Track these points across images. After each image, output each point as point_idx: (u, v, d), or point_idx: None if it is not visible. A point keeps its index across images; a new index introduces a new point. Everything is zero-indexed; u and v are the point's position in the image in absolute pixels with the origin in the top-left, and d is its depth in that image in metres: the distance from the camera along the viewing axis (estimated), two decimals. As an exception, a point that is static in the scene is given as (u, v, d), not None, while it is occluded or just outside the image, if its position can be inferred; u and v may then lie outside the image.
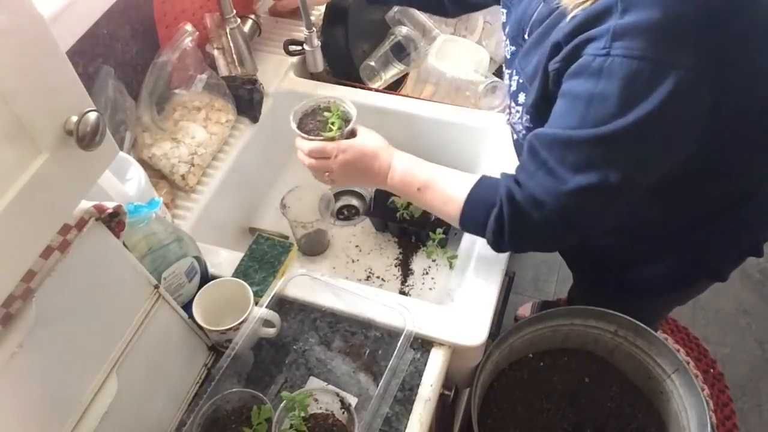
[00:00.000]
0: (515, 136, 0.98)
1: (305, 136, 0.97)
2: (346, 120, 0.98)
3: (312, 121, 1.00)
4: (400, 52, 1.33)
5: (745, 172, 0.89)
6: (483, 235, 0.86)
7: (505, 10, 0.97)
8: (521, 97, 0.87)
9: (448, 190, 0.89)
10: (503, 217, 0.81)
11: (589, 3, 0.72)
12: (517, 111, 0.90)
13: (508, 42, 0.94)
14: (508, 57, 0.94)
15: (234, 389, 0.80)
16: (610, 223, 0.85)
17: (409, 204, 1.20)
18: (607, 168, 0.73)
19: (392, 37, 1.32)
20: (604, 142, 0.71)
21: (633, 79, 0.68)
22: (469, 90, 1.30)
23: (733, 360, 1.85)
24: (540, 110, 0.81)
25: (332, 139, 0.95)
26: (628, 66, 0.67)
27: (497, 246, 0.86)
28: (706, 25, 0.68)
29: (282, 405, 0.78)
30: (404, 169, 0.93)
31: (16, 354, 0.57)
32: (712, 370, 1.84)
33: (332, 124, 0.97)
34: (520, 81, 0.87)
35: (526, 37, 0.87)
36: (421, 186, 0.92)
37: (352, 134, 0.98)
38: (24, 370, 0.59)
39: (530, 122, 0.85)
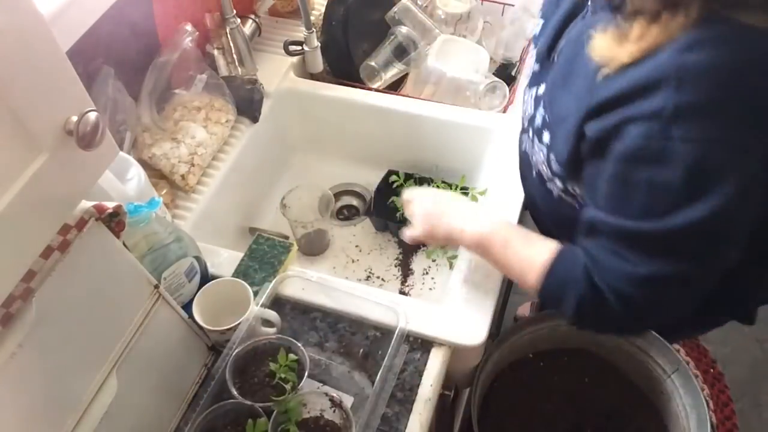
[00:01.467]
0: (525, 154, 0.90)
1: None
2: (300, 368, 0.83)
3: (255, 373, 0.84)
4: (401, 52, 1.33)
5: None
6: (564, 312, 0.76)
7: (542, 21, 0.88)
8: (545, 137, 0.78)
9: (525, 265, 0.78)
10: (584, 297, 0.72)
11: (618, 68, 0.63)
12: (541, 150, 0.80)
13: (532, 54, 0.86)
14: (531, 74, 0.86)
15: (230, 401, 0.80)
16: (690, 308, 0.73)
17: (409, 204, 1.20)
18: (682, 258, 0.65)
19: (392, 37, 1.32)
20: (674, 236, 0.63)
21: (700, 166, 0.59)
22: (469, 90, 1.30)
23: (733, 360, 1.85)
24: (575, 167, 0.74)
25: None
26: (693, 151, 0.59)
27: (578, 325, 0.79)
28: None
29: (274, 414, 0.78)
30: (481, 229, 0.83)
31: (16, 354, 0.57)
32: (712, 370, 1.84)
33: (282, 380, 0.82)
34: (547, 119, 0.77)
35: (555, 58, 0.79)
36: (502, 243, 0.81)
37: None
38: (24, 370, 0.59)
39: (563, 173, 0.77)
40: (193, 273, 0.90)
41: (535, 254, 0.77)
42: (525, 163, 0.93)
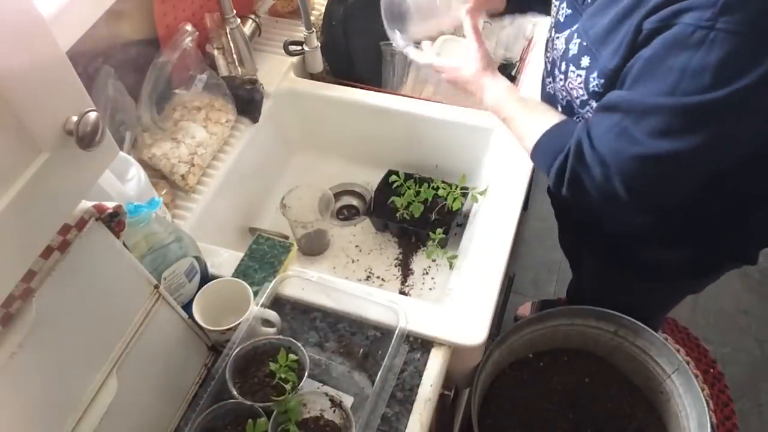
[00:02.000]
0: (566, 102, 0.96)
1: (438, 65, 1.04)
2: (300, 369, 0.83)
3: (255, 373, 0.84)
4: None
5: None
6: (547, 175, 0.88)
7: None
8: (584, 61, 0.85)
9: (526, 127, 0.91)
10: (566, 166, 0.82)
11: None
12: (579, 75, 0.87)
13: (563, 4, 0.93)
14: (562, 20, 0.93)
15: (230, 401, 0.80)
16: (666, 199, 0.86)
17: (409, 204, 1.20)
18: (683, 138, 0.72)
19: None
20: (688, 113, 0.71)
21: (734, 56, 0.66)
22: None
23: (733, 360, 1.85)
24: (621, 72, 0.80)
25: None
26: (732, 42, 0.66)
27: (556, 190, 0.87)
28: None
29: (274, 414, 0.78)
30: (493, 100, 0.98)
31: (16, 354, 0.57)
32: (712, 370, 1.84)
33: (282, 380, 0.82)
34: (584, 44, 0.84)
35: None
36: (506, 118, 0.96)
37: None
38: (24, 370, 0.59)
39: (603, 86, 0.83)
40: (193, 273, 0.90)
41: (534, 126, 0.89)
42: (550, 103, 1.00)
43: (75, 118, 0.48)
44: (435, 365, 0.88)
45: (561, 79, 0.92)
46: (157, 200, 0.81)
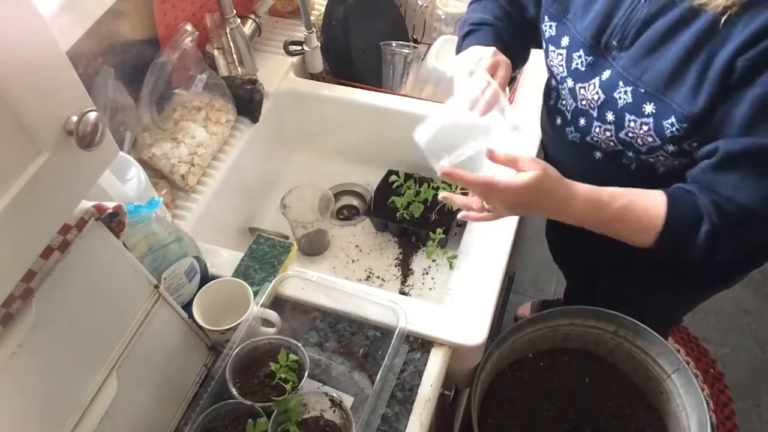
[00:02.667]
0: (609, 150, 0.91)
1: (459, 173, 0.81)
2: (300, 369, 0.83)
3: (255, 373, 0.84)
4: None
5: None
6: (687, 253, 0.79)
7: (553, 23, 0.91)
8: (648, 108, 0.80)
9: (640, 218, 0.80)
10: (716, 231, 0.76)
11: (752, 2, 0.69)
12: (645, 123, 0.81)
13: (577, 52, 0.88)
14: (582, 69, 0.88)
15: (230, 401, 0.80)
16: None
17: (409, 204, 1.20)
18: None
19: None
20: None
21: None
22: (469, 90, 1.29)
23: (733, 360, 1.85)
24: (707, 116, 0.76)
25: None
26: None
27: (705, 257, 0.80)
28: None
29: (274, 414, 0.78)
30: (587, 203, 0.80)
31: (16, 354, 0.57)
32: (712, 370, 1.84)
33: (282, 380, 0.81)
34: (642, 90, 0.80)
35: (614, 43, 0.83)
36: (609, 219, 0.81)
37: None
38: (24, 370, 0.59)
39: (686, 130, 0.78)
40: (193, 273, 0.90)
41: (642, 218, 0.79)
42: (580, 156, 0.95)
43: (75, 118, 0.48)
44: (435, 365, 0.88)
45: (607, 130, 0.88)
46: (157, 200, 0.81)
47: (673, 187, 0.81)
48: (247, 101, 1.21)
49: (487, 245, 1.00)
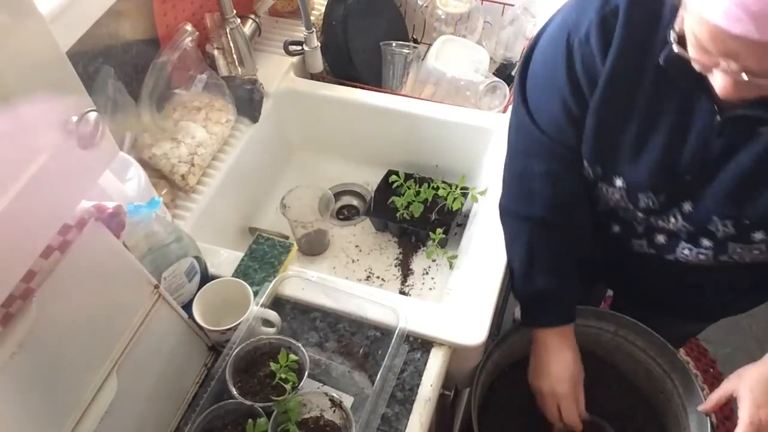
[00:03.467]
0: (667, 262, 0.87)
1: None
2: (300, 369, 0.83)
3: (255, 373, 0.84)
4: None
5: None
6: None
7: (597, 167, 0.81)
8: (757, 235, 0.75)
9: None
10: None
11: None
12: (756, 249, 0.78)
13: (642, 195, 0.79)
14: (656, 207, 0.80)
15: (230, 401, 0.80)
16: None
17: (409, 204, 1.20)
18: None
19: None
20: None
21: None
22: (469, 90, 1.30)
23: (733, 360, 1.85)
24: None
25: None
26: None
27: None
28: None
29: (274, 414, 0.78)
30: None
31: (16, 354, 0.57)
32: (712, 370, 1.84)
33: (282, 380, 0.81)
34: (745, 222, 0.74)
35: (688, 178, 0.75)
36: None
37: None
38: (24, 370, 0.59)
39: None
40: (193, 273, 0.90)
41: None
42: (644, 261, 0.91)
43: (75, 118, 0.48)
44: (435, 365, 0.88)
45: (701, 254, 0.82)
46: (157, 200, 0.81)
47: None
48: (247, 101, 1.21)
49: (487, 245, 1.00)
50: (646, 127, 0.75)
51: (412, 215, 1.20)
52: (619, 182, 0.80)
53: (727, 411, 1.75)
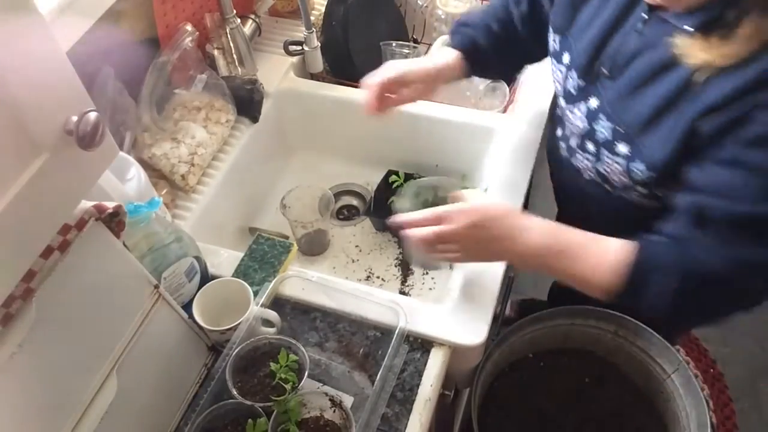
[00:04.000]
0: (568, 162, 0.93)
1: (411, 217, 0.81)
2: (300, 369, 0.82)
3: (255, 373, 0.84)
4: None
5: None
6: (647, 305, 0.74)
7: (557, 37, 0.89)
8: (622, 148, 0.79)
9: (599, 262, 0.74)
10: (686, 294, 0.72)
11: (728, 66, 0.66)
12: (617, 163, 0.80)
13: (571, 72, 0.86)
14: (573, 92, 0.86)
15: (230, 401, 0.80)
16: None
17: (409, 204, 1.20)
18: None
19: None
20: None
21: None
22: (469, 90, 1.30)
23: (733, 360, 1.85)
24: (673, 168, 0.74)
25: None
26: None
27: (666, 313, 0.76)
28: None
29: (274, 414, 0.78)
30: (543, 233, 0.77)
31: (16, 354, 0.57)
32: (712, 370, 1.84)
33: (282, 380, 0.80)
34: (619, 130, 0.78)
35: (605, 71, 0.80)
36: (562, 251, 0.76)
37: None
38: (24, 370, 0.59)
39: (654, 179, 0.77)
40: (193, 273, 0.90)
41: (603, 253, 0.74)
42: (570, 171, 0.96)
43: (75, 118, 0.48)
44: (435, 365, 0.88)
45: (587, 159, 0.87)
46: (157, 200, 0.81)
47: (642, 236, 0.75)
48: (247, 101, 1.21)
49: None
50: (597, 9, 0.82)
51: (412, 215, 1.20)
52: (566, 59, 0.87)
53: (728, 412, 1.75)
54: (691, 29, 0.70)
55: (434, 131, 1.25)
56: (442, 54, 1.01)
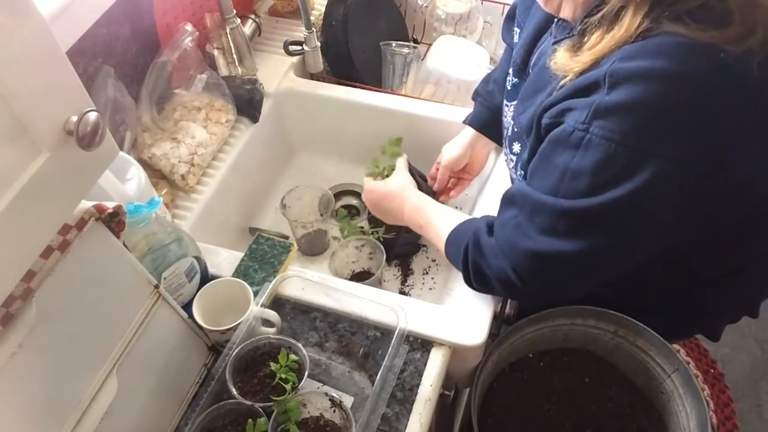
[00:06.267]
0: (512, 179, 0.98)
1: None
2: (300, 369, 0.84)
3: (255, 373, 0.84)
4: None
5: (741, 249, 0.86)
6: (462, 273, 0.88)
7: (518, 30, 0.94)
8: (516, 147, 0.85)
9: (438, 230, 0.93)
10: (468, 258, 0.83)
11: (575, 75, 0.70)
12: (511, 160, 0.87)
13: (511, 70, 0.90)
14: (509, 88, 0.91)
15: (230, 401, 0.80)
16: (571, 291, 0.83)
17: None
18: (568, 240, 0.71)
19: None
20: (569, 216, 0.70)
21: (607, 163, 0.65)
22: (469, 90, 1.30)
23: (733, 360, 1.85)
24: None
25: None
26: (605, 148, 0.65)
27: (469, 285, 0.88)
28: (693, 117, 0.64)
29: (274, 414, 0.78)
30: (411, 208, 1.00)
31: (16, 354, 0.57)
32: (712, 370, 1.83)
33: (282, 380, 0.82)
34: (516, 129, 0.84)
35: (530, 70, 0.85)
36: (422, 224, 0.98)
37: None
38: (24, 370, 0.59)
39: (523, 178, 0.83)
40: (193, 273, 0.90)
41: (443, 228, 0.91)
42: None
43: (75, 118, 0.48)
44: (435, 365, 0.88)
45: (507, 155, 0.92)
46: (157, 200, 0.81)
47: (469, 219, 0.89)
48: (247, 101, 1.21)
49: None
50: (532, 16, 0.89)
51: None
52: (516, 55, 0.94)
53: (728, 412, 1.75)
54: (560, 38, 0.76)
55: (434, 131, 1.25)
56: (466, 134, 1.13)
